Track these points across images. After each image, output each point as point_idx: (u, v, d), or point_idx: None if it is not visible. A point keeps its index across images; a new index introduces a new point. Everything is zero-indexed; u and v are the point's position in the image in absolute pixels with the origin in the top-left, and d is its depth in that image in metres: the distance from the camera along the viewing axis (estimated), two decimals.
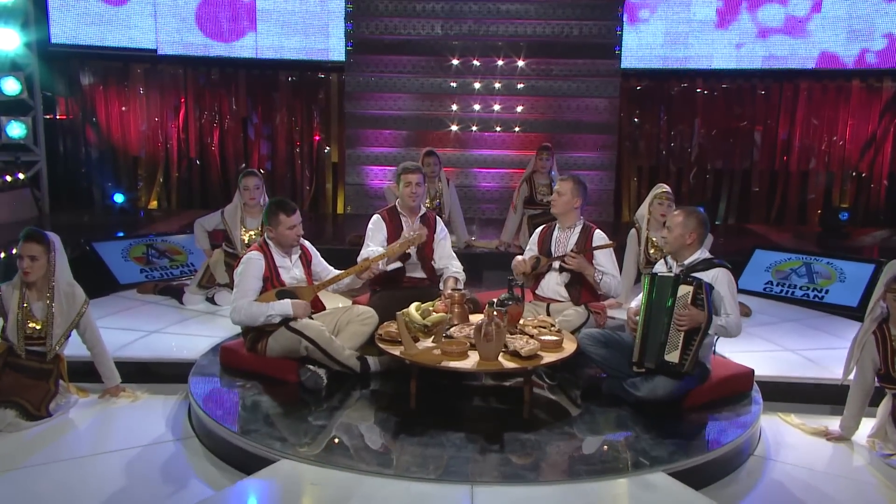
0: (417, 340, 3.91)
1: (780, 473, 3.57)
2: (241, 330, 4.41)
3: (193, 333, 5.09)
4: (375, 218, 4.86)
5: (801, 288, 6.50)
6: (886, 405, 3.82)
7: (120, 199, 9.34)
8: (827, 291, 6.38)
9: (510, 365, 3.72)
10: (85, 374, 4.25)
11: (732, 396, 4.05)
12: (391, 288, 4.79)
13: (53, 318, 3.92)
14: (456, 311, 4.19)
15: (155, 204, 10.07)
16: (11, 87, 8.68)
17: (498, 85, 9.39)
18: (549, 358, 3.79)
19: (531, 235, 4.94)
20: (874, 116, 9.75)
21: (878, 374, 3.78)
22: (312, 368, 4.11)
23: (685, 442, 3.56)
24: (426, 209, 5.05)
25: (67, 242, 4.37)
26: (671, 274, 3.93)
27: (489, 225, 8.63)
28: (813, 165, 9.95)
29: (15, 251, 4.04)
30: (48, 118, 9.55)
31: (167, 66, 9.88)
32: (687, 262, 3.97)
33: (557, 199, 4.64)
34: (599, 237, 4.58)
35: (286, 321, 4.15)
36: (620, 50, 9.42)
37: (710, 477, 3.44)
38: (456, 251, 5.13)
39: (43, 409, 3.86)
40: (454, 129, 9.43)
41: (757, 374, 4.28)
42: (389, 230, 4.78)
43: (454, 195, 7.33)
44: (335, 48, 9.78)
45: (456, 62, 9.33)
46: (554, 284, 4.63)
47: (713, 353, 4.12)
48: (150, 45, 9.61)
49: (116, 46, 9.55)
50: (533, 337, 3.91)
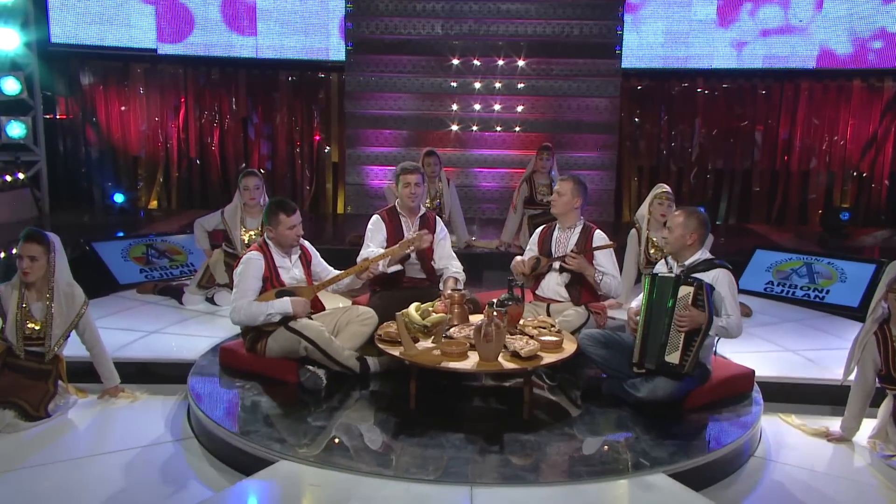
0: (417, 341, 3.90)
1: (780, 474, 3.57)
2: (240, 330, 4.40)
3: (193, 334, 5.08)
4: (375, 218, 4.85)
5: (801, 288, 6.49)
6: (887, 406, 3.81)
7: (120, 198, 9.33)
8: (828, 292, 6.37)
9: (510, 365, 3.71)
10: (84, 374, 4.24)
11: (733, 397, 4.04)
12: (391, 288, 4.77)
13: (52, 318, 3.91)
14: (456, 311, 4.18)
15: (155, 204, 10.07)
16: (11, 86, 8.69)
17: (498, 85, 9.38)
18: (549, 358, 3.78)
19: (531, 235, 4.92)
20: (875, 116, 9.74)
21: (878, 374, 3.77)
22: (312, 369, 4.11)
23: (685, 443, 3.56)
24: (426, 209, 5.04)
25: (67, 242, 4.36)
26: (672, 274, 3.92)
27: (489, 225, 8.62)
28: (814, 165, 9.94)
29: (15, 251, 4.03)
30: (48, 118, 9.56)
31: (167, 65, 9.88)
32: (687, 262, 3.96)
33: (557, 199, 4.63)
34: (600, 237, 4.57)
35: (286, 320, 4.14)
36: (621, 49, 9.42)
37: (710, 478, 3.44)
38: (456, 251, 5.12)
39: (42, 409, 3.85)
40: (454, 128, 9.43)
41: (757, 374, 4.27)
42: (389, 230, 4.77)
43: (454, 195, 7.32)
44: (335, 48, 9.78)
45: (456, 62, 9.33)
46: (554, 285, 4.62)
47: (714, 353, 4.11)
48: (150, 44, 9.61)
49: (116, 46, 9.55)
50: (533, 337, 3.90)
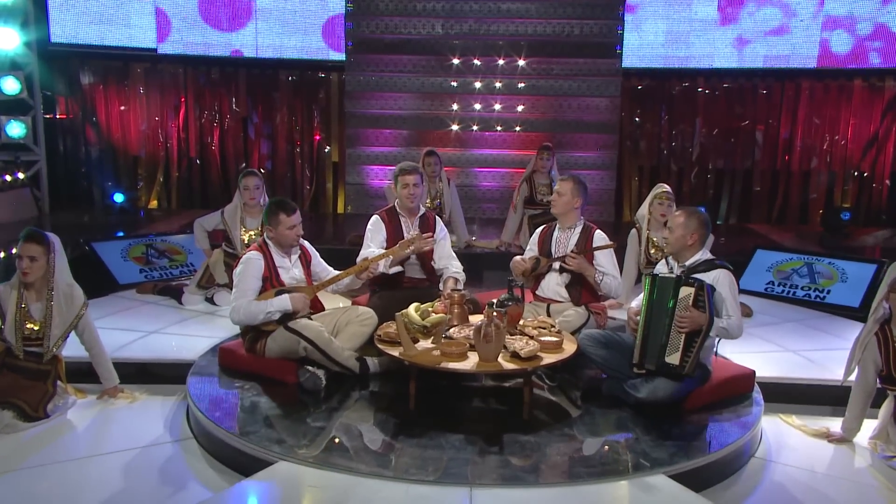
0: (416, 341, 3.89)
1: (781, 475, 3.56)
2: (239, 331, 4.39)
3: (192, 334, 5.07)
4: (374, 219, 4.84)
5: (802, 288, 6.47)
6: (888, 406, 3.80)
7: (120, 198, 9.32)
8: (828, 292, 6.35)
9: (510, 366, 3.70)
10: (83, 374, 4.23)
11: (733, 398, 4.03)
12: (390, 288, 4.76)
13: (51, 319, 3.90)
14: (455, 311, 4.17)
15: (155, 203, 10.06)
16: (11, 86, 8.68)
17: (499, 84, 9.37)
18: (548, 359, 3.77)
19: (531, 235, 4.91)
20: (876, 116, 9.73)
21: (879, 375, 3.76)
22: (311, 369, 4.10)
23: (686, 444, 3.55)
24: (426, 209, 5.03)
25: (67, 242, 4.35)
26: (672, 275, 3.91)
27: (490, 224, 8.61)
28: (814, 165, 9.93)
29: (14, 251, 4.02)
30: (48, 117, 9.56)
31: (167, 65, 9.87)
32: (688, 262, 3.95)
33: (557, 199, 4.62)
34: (600, 238, 4.56)
35: (286, 319, 4.13)
36: (621, 49, 9.40)
37: (710, 479, 3.43)
38: (456, 251, 5.11)
39: (41, 410, 3.84)
40: (455, 128, 9.42)
41: (758, 375, 4.26)
42: (389, 231, 4.76)
43: (455, 195, 7.31)
44: (335, 47, 9.77)
45: (456, 61, 9.31)
46: (554, 285, 4.60)
47: (714, 354, 4.10)
48: (150, 44, 9.60)
49: (116, 46, 9.55)
50: (533, 338, 3.89)
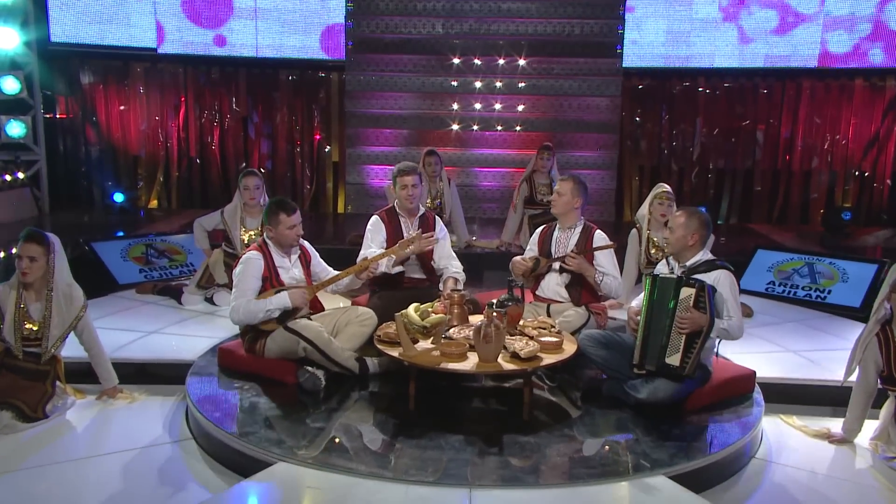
0: (416, 342, 3.88)
1: (781, 476, 3.54)
2: (239, 330, 4.38)
3: (192, 334, 5.06)
4: (374, 219, 4.83)
5: (803, 288, 6.46)
6: (889, 407, 3.79)
7: (120, 198, 9.31)
8: (829, 292, 6.34)
9: (510, 366, 3.69)
10: (82, 375, 4.22)
11: (734, 398, 4.02)
12: (390, 288, 4.75)
13: (50, 319, 3.89)
14: (455, 311, 4.16)
15: (155, 203, 10.06)
16: (11, 85, 8.68)
17: (499, 84, 9.36)
18: (548, 359, 3.76)
19: (532, 235, 4.91)
20: (877, 115, 9.72)
21: (880, 375, 3.75)
22: (311, 370, 4.09)
23: (686, 444, 3.54)
24: (426, 209, 5.02)
25: (67, 242, 4.34)
26: (673, 275, 3.90)
27: (490, 224, 8.60)
28: (815, 165, 9.91)
29: (14, 251, 4.01)
30: (48, 117, 9.56)
31: (167, 64, 9.87)
32: (689, 263, 3.94)
33: (557, 199, 4.60)
34: (600, 238, 4.54)
35: (286, 318, 4.13)
36: (622, 49, 9.39)
37: (711, 480, 3.42)
38: (456, 251, 5.10)
39: (39, 410, 3.83)
40: (455, 128, 9.41)
41: (759, 375, 4.25)
42: (389, 231, 4.75)
43: (455, 195, 7.30)
44: (336, 47, 9.76)
45: (457, 61, 9.30)
46: (554, 285, 4.59)
47: (715, 354, 4.08)
48: (150, 43, 9.60)
49: (116, 45, 9.55)
50: (533, 338, 3.89)
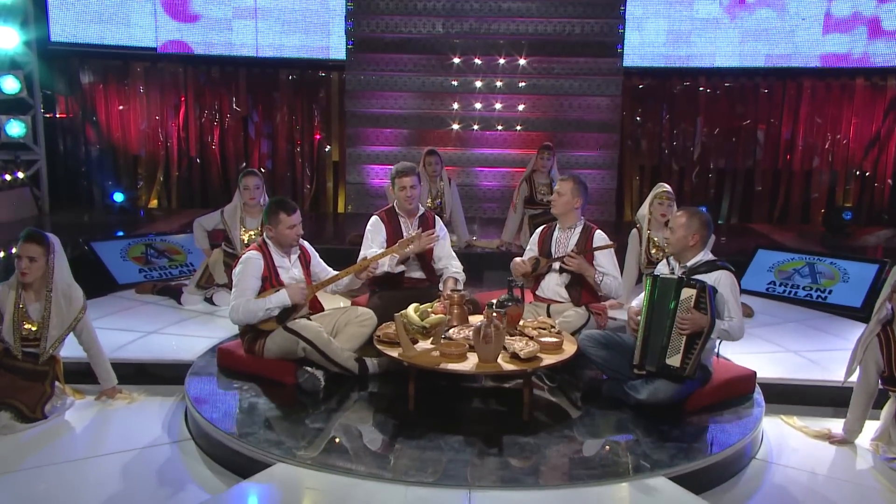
0: (416, 342, 3.87)
1: (782, 477, 3.53)
2: (238, 331, 4.38)
3: (191, 334, 5.05)
4: (374, 219, 4.81)
5: (804, 288, 6.45)
6: (890, 408, 3.78)
7: (120, 198, 9.30)
8: (830, 292, 6.33)
9: (509, 367, 3.68)
10: (81, 375, 4.21)
11: (734, 399, 4.01)
12: (390, 289, 4.74)
13: (49, 319, 3.88)
14: (455, 312, 4.15)
15: (155, 203, 10.05)
16: (11, 85, 8.66)
17: (499, 83, 9.34)
18: (548, 360, 3.75)
19: (532, 235, 4.89)
20: (878, 115, 9.70)
21: (881, 376, 3.73)
22: (310, 370, 4.09)
23: (686, 445, 3.53)
24: (426, 209, 5.01)
25: (67, 242, 4.33)
26: (674, 276, 3.89)
27: (490, 224, 8.59)
28: (816, 164, 9.89)
29: (14, 251, 4.00)
30: (48, 117, 9.55)
31: (167, 64, 9.86)
32: (689, 263, 3.93)
33: (557, 199, 4.59)
34: (600, 238, 4.53)
35: (286, 316, 4.12)
36: (622, 48, 9.37)
37: (711, 481, 3.41)
38: (457, 251, 5.09)
39: (38, 411, 3.83)
40: (455, 127, 9.39)
41: (759, 375, 4.23)
42: (388, 231, 4.74)
43: (456, 195, 7.29)
44: (336, 46, 9.75)
45: (457, 60, 9.29)
46: (554, 285, 4.58)
47: (716, 355, 4.07)
48: (150, 43, 9.59)
49: (116, 45, 9.54)
50: (533, 338, 3.88)
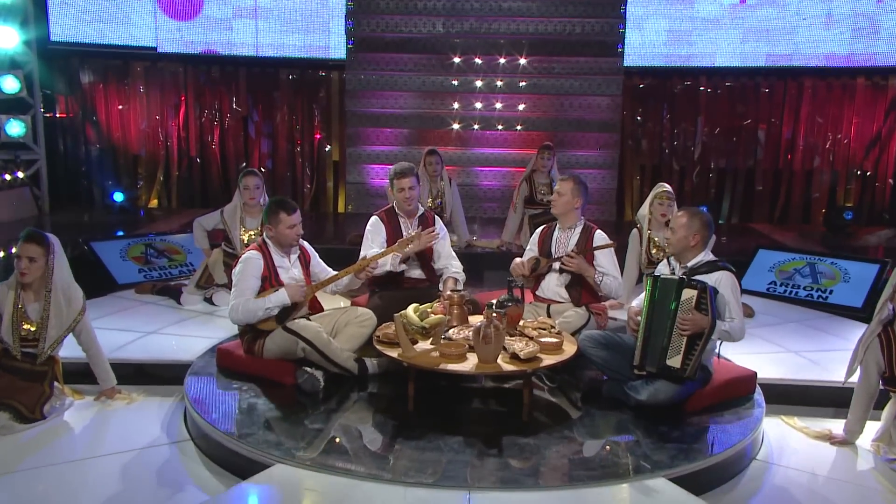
0: (416, 342, 3.86)
1: (782, 478, 3.52)
2: (238, 331, 4.37)
3: (191, 334, 5.04)
4: (374, 220, 4.80)
5: (804, 288, 6.43)
6: (891, 409, 3.76)
7: (120, 197, 9.30)
8: (831, 292, 6.32)
9: (509, 367, 3.67)
10: (80, 375, 4.21)
11: (735, 399, 4.00)
12: (390, 289, 4.74)
13: (48, 320, 3.87)
14: (455, 312, 4.14)
15: (155, 203, 10.05)
16: (11, 85, 8.66)
17: (500, 83, 9.33)
18: (548, 360, 3.74)
19: (532, 235, 4.88)
20: (879, 115, 9.68)
21: (882, 377, 3.72)
22: (309, 371, 4.08)
23: (687, 446, 3.51)
24: (426, 209, 5.00)
25: (66, 242, 4.32)
26: (674, 276, 3.87)
27: (491, 224, 8.58)
28: (817, 164, 9.88)
29: (14, 251, 4.00)
30: (48, 116, 9.54)
31: (167, 63, 9.85)
32: (690, 263, 3.91)
33: (557, 199, 4.58)
34: (600, 237, 4.52)
35: (285, 316, 4.11)
36: (623, 48, 9.36)
37: (712, 482, 3.40)
38: (457, 251, 5.08)
39: (37, 411, 3.82)
40: (456, 127, 9.38)
41: (760, 376, 4.22)
42: (388, 231, 4.73)
43: (456, 195, 7.28)
44: (336, 46, 9.74)
45: (457, 60, 9.27)
46: (554, 286, 4.57)
47: (716, 355, 4.06)
48: (150, 42, 9.58)
49: (116, 44, 9.54)
50: (532, 339, 3.87)
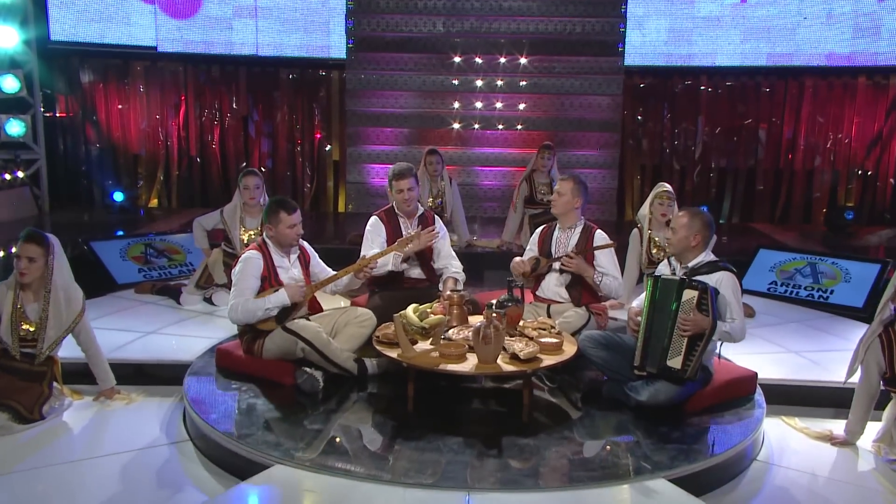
0: (415, 343, 3.85)
1: (783, 479, 3.51)
2: (237, 331, 4.36)
3: (191, 334, 5.04)
4: (373, 220, 4.79)
5: (805, 288, 6.42)
6: (892, 409, 3.76)
7: (120, 197, 9.29)
8: (832, 292, 6.31)
9: (509, 368, 3.66)
10: (80, 376, 4.20)
11: (735, 400, 3.99)
12: (390, 289, 4.73)
13: (47, 320, 3.86)
14: (455, 312, 4.14)
15: (155, 202, 10.04)
16: (11, 84, 8.66)
17: (500, 82, 9.32)
18: (548, 360, 3.74)
19: (532, 235, 4.87)
20: (880, 114, 9.67)
21: (883, 377, 3.71)
22: (309, 371, 4.07)
23: (687, 447, 3.50)
24: (426, 209, 4.99)
25: (66, 242, 4.32)
26: (675, 277, 3.86)
27: (491, 224, 8.56)
28: (818, 164, 9.86)
29: (14, 251, 3.99)
30: (48, 116, 9.54)
31: (167, 63, 9.84)
32: (691, 264, 3.90)
33: (557, 199, 4.57)
34: (600, 237, 4.51)
35: (285, 316, 4.10)
36: (623, 47, 9.35)
37: (712, 483, 3.39)
38: (457, 251, 5.07)
39: (36, 411, 3.81)
40: (456, 126, 9.37)
41: (760, 376, 4.21)
42: (388, 231, 4.72)
43: (457, 194, 7.27)
44: (336, 45, 9.74)
45: (458, 59, 9.26)
46: (554, 286, 4.56)
47: (717, 355, 4.05)
48: (150, 42, 9.57)
49: (116, 44, 9.52)
50: (532, 339, 3.86)
